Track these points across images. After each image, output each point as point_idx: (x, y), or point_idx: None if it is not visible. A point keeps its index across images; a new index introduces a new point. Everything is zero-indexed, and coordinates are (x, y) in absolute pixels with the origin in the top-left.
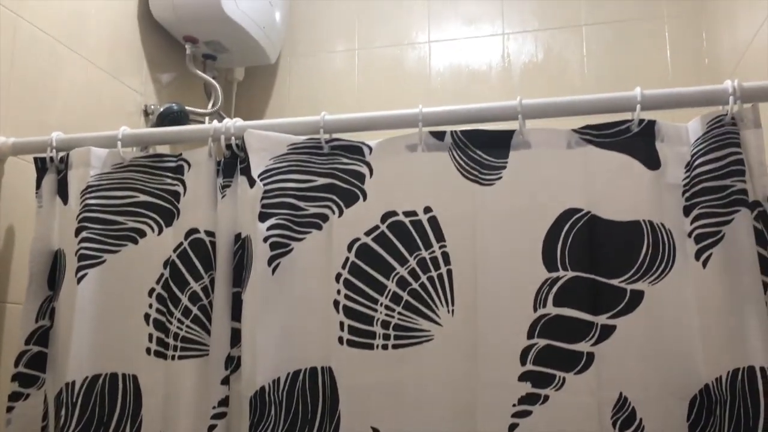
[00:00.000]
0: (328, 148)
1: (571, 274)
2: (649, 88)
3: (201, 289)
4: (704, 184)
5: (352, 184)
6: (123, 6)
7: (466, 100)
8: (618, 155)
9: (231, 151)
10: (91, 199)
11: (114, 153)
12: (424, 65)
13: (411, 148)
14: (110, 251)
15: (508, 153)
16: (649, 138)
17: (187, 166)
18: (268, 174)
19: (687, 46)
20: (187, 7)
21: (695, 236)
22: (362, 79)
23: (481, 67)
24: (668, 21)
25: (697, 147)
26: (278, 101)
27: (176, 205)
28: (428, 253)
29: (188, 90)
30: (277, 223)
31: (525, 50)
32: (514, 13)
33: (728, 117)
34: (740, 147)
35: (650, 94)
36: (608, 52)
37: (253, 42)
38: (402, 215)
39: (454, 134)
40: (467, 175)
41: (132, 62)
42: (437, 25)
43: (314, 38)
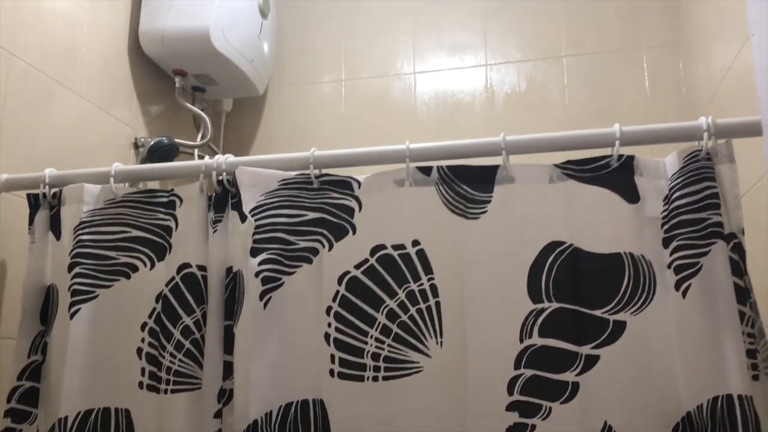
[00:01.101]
0: (318, 183)
1: (555, 305)
2: (628, 118)
3: (193, 323)
4: (682, 216)
5: (342, 218)
6: (113, 41)
7: (451, 129)
8: (599, 189)
9: (222, 187)
10: (84, 235)
11: (106, 189)
12: (410, 95)
13: (399, 182)
14: (103, 286)
15: (492, 188)
16: (628, 172)
17: (179, 202)
18: (259, 210)
19: (665, 76)
20: (176, 42)
21: (674, 267)
22: (349, 109)
23: (465, 97)
24: (646, 52)
25: (674, 181)
26: (266, 131)
27: (168, 240)
28: (417, 286)
29: (178, 122)
30: (268, 257)
31: (508, 80)
32: (497, 45)
33: (703, 152)
34: (715, 181)
35: (628, 131)
36: (588, 82)
37: (242, 75)
38: (391, 248)
39: (441, 169)
40: (454, 210)
41: (122, 95)
42: (422, 56)
43: (301, 69)
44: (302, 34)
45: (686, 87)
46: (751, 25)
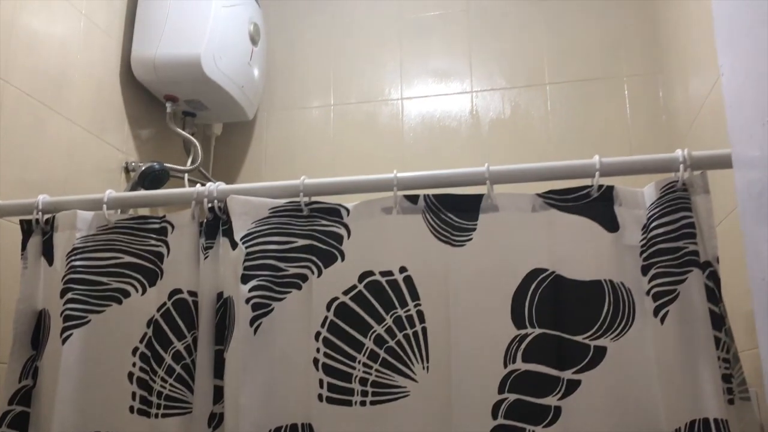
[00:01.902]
0: (308, 210)
1: (538, 331)
2: (609, 144)
3: (184, 348)
4: (659, 245)
5: (331, 245)
6: (105, 67)
7: (438, 154)
8: (579, 218)
9: (213, 214)
10: (77, 261)
11: (99, 215)
12: (397, 120)
13: (386, 210)
14: (95, 311)
15: (477, 216)
16: (608, 202)
17: (170, 228)
18: (250, 237)
19: (645, 104)
20: (167, 68)
21: (653, 294)
22: (338, 133)
23: (451, 122)
24: (627, 80)
25: (652, 211)
26: (256, 155)
27: (160, 266)
28: (404, 312)
29: (168, 146)
30: (258, 284)
31: (493, 107)
32: (482, 72)
33: (680, 183)
34: (691, 211)
35: (608, 162)
36: (571, 109)
37: (232, 100)
38: (378, 275)
39: (427, 198)
40: (440, 237)
41: (113, 121)
42: (409, 82)
43: (291, 94)
44: (292, 60)
45: (666, 115)
46: (720, 64)
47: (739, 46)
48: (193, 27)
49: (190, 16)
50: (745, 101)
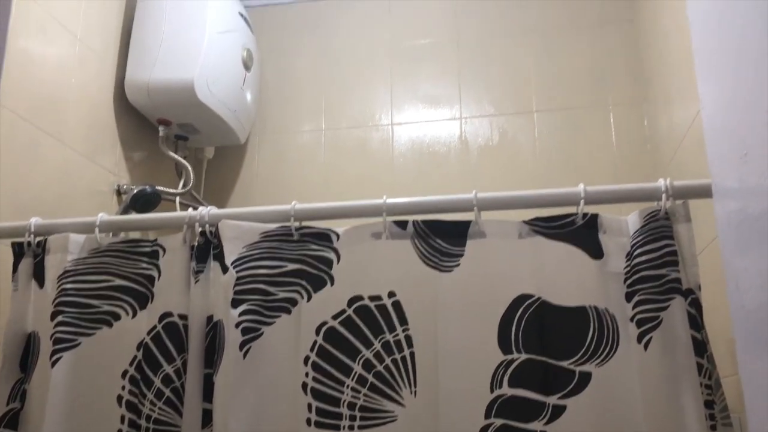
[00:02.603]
0: (298, 235)
1: (524, 356)
2: (595, 171)
3: (174, 372)
4: (643, 272)
5: (321, 270)
6: (99, 90)
7: (427, 178)
8: (565, 245)
9: (204, 238)
10: (68, 284)
11: (91, 238)
12: (388, 146)
13: (376, 235)
14: (85, 334)
15: (465, 242)
16: (592, 230)
17: (162, 252)
18: (240, 261)
19: (631, 132)
20: (161, 93)
21: (636, 321)
22: (328, 157)
23: (440, 148)
24: (613, 109)
25: (635, 239)
26: (247, 178)
27: (151, 289)
28: (392, 337)
29: (160, 169)
30: (248, 308)
31: (481, 133)
32: (471, 99)
33: (662, 212)
34: (674, 239)
35: (593, 191)
36: (558, 137)
37: (224, 124)
38: (367, 300)
39: (416, 224)
40: (428, 262)
41: (106, 143)
42: (399, 108)
43: (282, 119)
44: (284, 85)
45: (651, 143)
46: (700, 97)
47: (719, 80)
48: (186, 52)
49: (184, 42)
50: (725, 134)
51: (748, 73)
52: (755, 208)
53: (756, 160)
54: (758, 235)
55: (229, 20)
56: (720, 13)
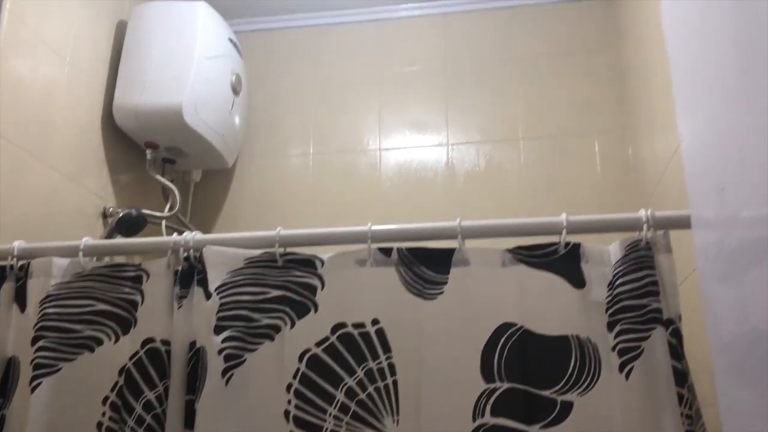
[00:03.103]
0: (283, 261)
1: (506, 385)
2: (580, 199)
3: (155, 398)
4: (624, 302)
5: (305, 297)
6: (87, 113)
7: (414, 204)
8: (547, 274)
9: (189, 263)
10: (50, 308)
11: (75, 262)
12: (375, 170)
13: (360, 262)
14: (66, 359)
15: (449, 270)
16: (574, 259)
17: (145, 276)
18: (224, 288)
19: (615, 160)
20: (149, 117)
21: (618, 350)
22: (316, 182)
23: (427, 173)
24: (598, 137)
25: (617, 268)
26: (234, 202)
27: (134, 314)
28: (375, 364)
29: (147, 192)
30: (231, 335)
31: (468, 159)
32: (458, 126)
33: (643, 242)
34: (655, 270)
35: (575, 220)
36: (543, 164)
37: (212, 148)
38: (351, 327)
39: (401, 251)
40: (412, 290)
41: (93, 166)
42: (387, 133)
43: (271, 142)
44: (273, 109)
45: (635, 171)
46: (680, 133)
47: (696, 116)
48: (175, 77)
49: (174, 67)
50: (703, 168)
51: (723, 110)
52: (732, 240)
53: (732, 194)
54: (735, 268)
55: (218, 45)
56: (697, 52)
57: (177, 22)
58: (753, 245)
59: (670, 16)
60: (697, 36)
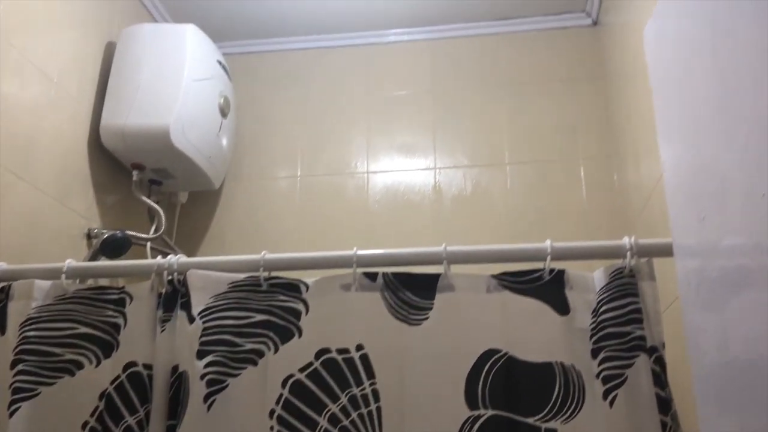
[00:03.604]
0: (267, 285)
1: (491, 412)
2: (566, 224)
3: (136, 423)
4: (608, 329)
5: (289, 321)
6: (74, 133)
7: (401, 227)
8: (532, 301)
9: (172, 286)
10: (31, 331)
11: (57, 285)
12: (363, 193)
13: (345, 287)
14: (46, 383)
15: (434, 295)
16: (559, 286)
17: (129, 299)
18: (207, 312)
19: (600, 186)
20: (136, 138)
21: (602, 378)
22: (303, 204)
23: (414, 197)
24: (583, 163)
25: (601, 295)
26: (220, 224)
27: (116, 338)
28: (359, 390)
29: (132, 213)
30: (214, 360)
31: (455, 183)
32: (446, 150)
33: (627, 269)
34: (638, 297)
35: (559, 247)
36: (529, 189)
37: (199, 170)
38: (335, 352)
39: (386, 276)
40: (397, 315)
41: (78, 187)
42: (375, 156)
43: (258, 165)
44: (261, 131)
45: (620, 197)
46: (663, 162)
47: (678, 147)
48: (164, 99)
49: (162, 88)
50: (685, 197)
51: (704, 143)
52: (713, 270)
53: (713, 224)
54: (716, 297)
55: (207, 68)
56: (679, 84)
57: (166, 44)
58: (733, 275)
59: (653, 47)
60: (679, 68)
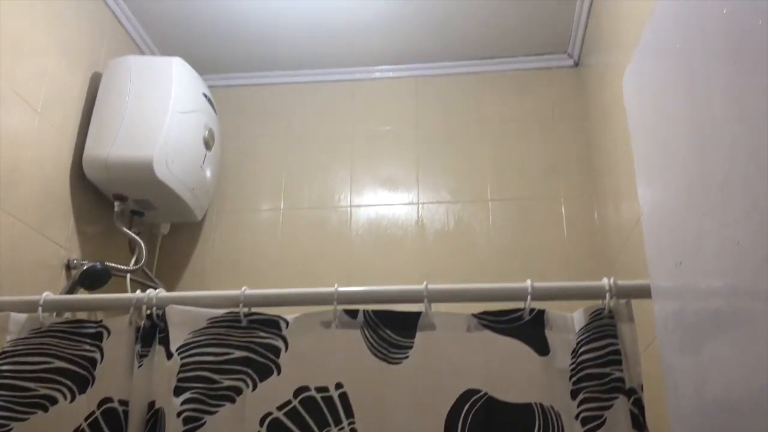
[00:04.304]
0: (247, 321)
1: None
2: (547, 261)
3: None
4: (588, 371)
5: (268, 358)
6: (56, 163)
7: (383, 261)
8: (512, 341)
9: (151, 321)
10: (4, 365)
11: (33, 318)
12: (346, 227)
13: (326, 324)
14: (18, 419)
15: (414, 333)
16: (539, 326)
17: (106, 333)
18: (186, 348)
19: (581, 224)
20: (119, 169)
21: (581, 419)
22: (286, 237)
23: (397, 231)
24: (564, 201)
25: (581, 336)
26: (201, 255)
27: (92, 372)
28: (338, 429)
29: (113, 244)
30: (191, 397)
31: (437, 218)
32: (429, 185)
33: (606, 310)
34: (617, 338)
35: (540, 287)
36: (511, 225)
37: (182, 202)
38: (314, 390)
39: (366, 314)
40: (377, 354)
41: (59, 217)
42: (358, 190)
43: (241, 197)
44: (244, 163)
45: (600, 236)
46: (641, 205)
47: (656, 190)
48: (148, 130)
49: (147, 120)
50: (662, 241)
51: (680, 189)
52: (690, 313)
53: (689, 269)
54: (693, 339)
55: (192, 100)
56: (656, 130)
57: (152, 76)
58: (710, 319)
59: (631, 92)
60: (657, 113)
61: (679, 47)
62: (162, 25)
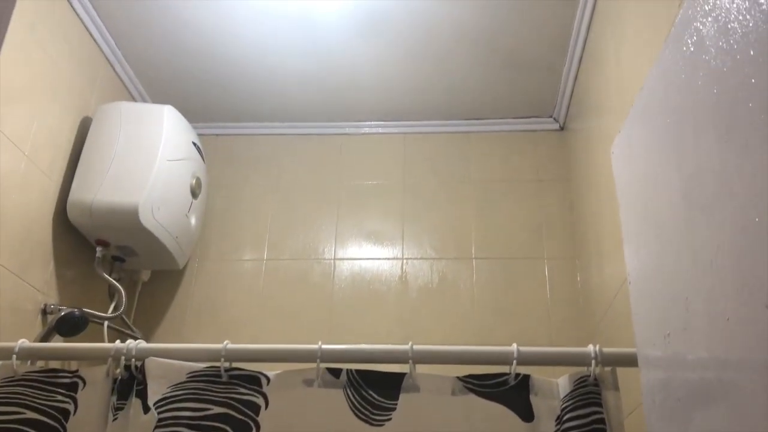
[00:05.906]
0: (227, 377)
1: None
2: (530, 320)
3: None
4: None
5: (247, 415)
6: (40, 207)
7: (366, 315)
8: (496, 406)
9: (129, 372)
10: None
11: (6, 366)
12: (328, 279)
13: (308, 382)
14: None
15: (398, 395)
16: (524, 391)
17: (81, 384)
18: (164, 402)
19: (564, 285)
20: (104, 215)
21: None
22: (267, 287)
23: (380, 286)
24: (548, 262)
25: (566, 402)
26: (181, 303)
27: (64, 425)
28: None
29: (92, 289)
30: None
31: (421, 275)
32: (413, 241)
33: (591, 378)
34: (602, 407)
35: (525, 351)
36: (495, 284)
37: (165, 250)
38: None
39: (350, 373)
40: (359, 415)
41: (39, 260)
42: (343, 243)
43: (224, 246)
44: (229, 213)
45: (583, 298)
46: (628, 274)
47: (644, 260)
48: (136, 177)
49: (135, 166)
50: (650, 312)
51: (669, 258)
52: (679, 385)
53: (677, 341)
54: (682, 411)
55: (182, 148)
56: (645, 198)
57: (142, 122)
58: (698, 391)
59: (620, 161)
60: (645, 183)
61: (669, 121)
62: (155, 73)
